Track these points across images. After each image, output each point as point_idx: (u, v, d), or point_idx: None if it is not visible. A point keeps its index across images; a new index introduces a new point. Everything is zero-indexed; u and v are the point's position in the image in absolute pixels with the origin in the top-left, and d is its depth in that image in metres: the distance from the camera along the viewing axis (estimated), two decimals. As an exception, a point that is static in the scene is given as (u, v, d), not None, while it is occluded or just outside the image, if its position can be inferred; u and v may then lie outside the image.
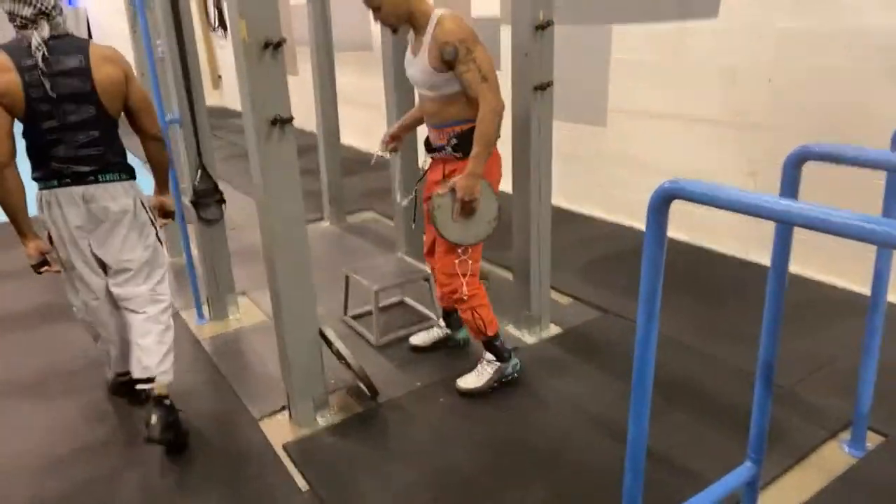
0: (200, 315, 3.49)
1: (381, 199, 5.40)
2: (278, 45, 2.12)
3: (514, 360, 2.75)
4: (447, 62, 2.31)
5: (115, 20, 10.65)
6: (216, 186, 3.31)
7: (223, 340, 3.29)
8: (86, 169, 2.30)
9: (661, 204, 1.37)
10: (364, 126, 7.49)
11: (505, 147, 2.86)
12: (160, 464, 2.39)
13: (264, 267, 2.42)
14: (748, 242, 4.02)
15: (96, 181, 2.32)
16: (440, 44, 2.29)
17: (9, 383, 2.97)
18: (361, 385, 2.65)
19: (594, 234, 4.51)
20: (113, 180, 2.36)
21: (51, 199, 2.30)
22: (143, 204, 2.48)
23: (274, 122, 2.18)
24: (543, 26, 2.71)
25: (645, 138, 4.51)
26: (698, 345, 3.01)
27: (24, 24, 2.17)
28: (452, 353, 3.04)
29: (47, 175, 2.28)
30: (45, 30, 2.17)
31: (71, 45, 2.23)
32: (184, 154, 3.25)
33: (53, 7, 2.20)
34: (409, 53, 2.52)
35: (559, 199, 4.75)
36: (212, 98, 9.08)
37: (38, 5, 2.15)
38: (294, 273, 2.39)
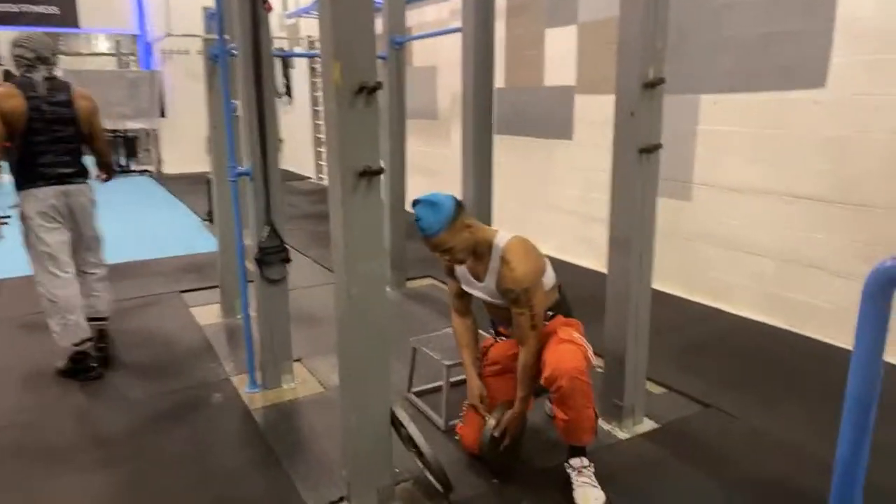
0: (253, 382, 3.22)
1: (438, 266, 5.14)
2: (374, 89, 1.91)
3: None
4: (507, 299, 2.34)
5: (186, 84, 11.09)
6: (283, 244, 3.10)
7: (277, 412, 2.99)
8: (67, 171, 3.23)
9: (881, 288, 1.04)
10: (423, 192, 7.35)
11: (596, 219, 2.59)
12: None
13: (321, 332, 2.15)
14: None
15: (72, 182, 3.26)
16: (505, 288, 2.30)
17: (42, 449, 2.71)
18: (433, 479, 2.29)
19: (679, 317, 4.11)
20: (82, 182, 3.34)
21: (38, 193, 3.14)
22: (93, 199, 3.46)
23: (363, 173, 1.95)
24: (653, 84, 2.47)
25: (735, 215, 4.17)
26: (825, 455, 2.56)
27: (29, 66, 3.12)
28: (531, 440, 2.66)
29: (35, 178, 3.14)
30: (43, 71, 3.15)
31: (60, 84, 3.22)
32: (251, 209, 3.07)
33: (52, 55, 3.20)
34: (467, 274, 2.46)
35: (638, 276, 4.40)
36: (274, 160, 9.20)
37: (38, 52, 3.13)
38: (369, 343, 2.11)
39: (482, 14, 3.40)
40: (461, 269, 2.46)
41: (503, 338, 2.62)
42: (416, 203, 2.25)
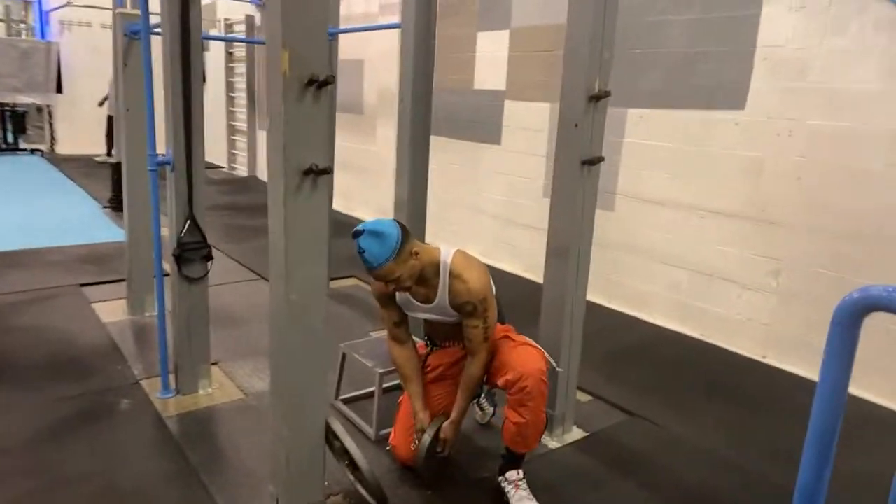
0: (166, 387, 2.99)
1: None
2: (325, 83, 1.80)
3: None
4: (461, 312, 2.27)
5: (86, 59, 10.30)
6: (205, 240, 2.91)
7: (193, 420, 2.79)
8: None
9: (852, 318, 1.06)
10: (346, 189, 7.20)
11: (537, 229, 2.60)
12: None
13: (238, 334, 2.02)
14: (766, 345, 3.79)
15: None
16: (461, 302, 2.23)
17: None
18: (366, 494, 2.20)
19: (600, 325, 4.20)
20: None
21: None
22: None
23: (308, 171, 1.84)
24: (599, 97, 2.49)
25: (656, 226, 4.32)
26: (742, 462, 2.68)
27: None
28: (465, 449, 2.62)
29: None
30: None
31: None
32: (171, 201, 2.85)
33: None
34: (411, 299, 2.35)
35: (562, 283, 4.48)
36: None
37: None
38: (306, 352, 1.99)
39: (423, 11, 3.33)
40: (402, 298, 2.36)
41: (438, 347, 2.55)
42: (358, 234, 2.11)
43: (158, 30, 2.76)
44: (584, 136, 2.51)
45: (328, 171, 1.86)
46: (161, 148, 2.70)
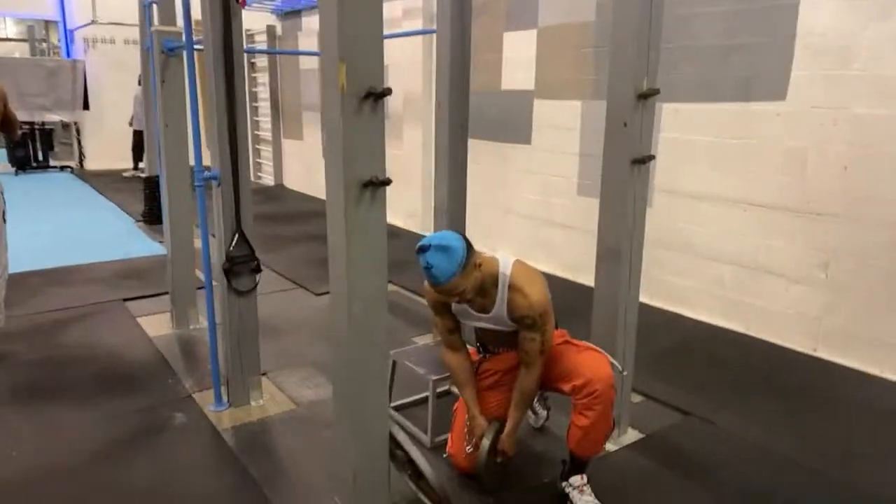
0: (219, 399, 3.01)
1: (400, 271, 5.02)
2: (381, 95, 1.80)
3: None
4: (519, 324, 2.26)
5: (110, 73, 10.46)
6: (253, 253, 2.92)
7: (248, 433, 2.81)
8: None
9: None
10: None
11: (572, 228, 2.57)
12: None
13: (284, 344, 2.02)
14: (816, 338, 3.71)
15: None
16: (519, 315, 2.22)
17: (-12, 481, 2.43)
18: (430, 503, 2.19)
19: (645, 323, 4.12)
20: None
21: None
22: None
23: (367, 184, 1.83)
24: (647, 95, 2.45)
25: (696, 222, 4.26)
26: (805, 461, 2.63)
27: None
28: (522, 454, 2.60)
29: None
30: None
31: None
32: (218, 216, 2.87)
33: None
34: (469, 309, 2.33)
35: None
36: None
37: None
38: (369, 363, 1.98)
39: (458, 16, 3.32)
40: (459, 308, 2.33)
41: (491, 353, 2.52)
42: (424, 249, 2.08)
43: (198, 46, 2.78)
44: (634, 134, 2.48)
45: (387, 182, 1.86)
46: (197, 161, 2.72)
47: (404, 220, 7.04)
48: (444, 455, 2.55)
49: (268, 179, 10.25)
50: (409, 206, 6.89)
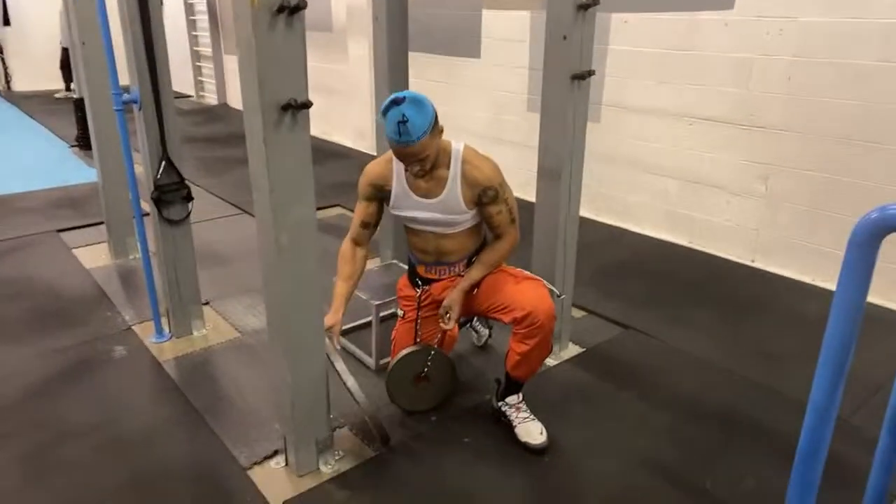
0: (159, 331, 2.96)
1: (347, 193, 4.92)
2: (296, 8, 1.66)
3: None
4: (481, 202, 2.17)
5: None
6: (182, 180, 2.79)
7: (190, 363, 2.78)
8: None
9: (870, 239, 1.02)
10: (323, 112, 6.96)
11: (523, 146, 2.52)
12: (128, 533, 1.91)
13: (227, 271, 1.97)
14: (755, 250, 3.81)
15: None
16: (482, 186, 2.14)
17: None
18: (372, 428, 2.23)
19: (590, 239, 4.17)
20: None
21: None
22: None
23: (286, 107, 1.73)
24: (586, 6, 2.35)
25: (643, 136, 4.25)
26: (738, 368, 2.74)
27: None
28: (461, 373, 2.64)
29: None
30: None
31: None
32: (143, 142, 2.71)
33: None
34: (411, 195, 2.18)
35: (549, 199, 4.43)
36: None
37: None
38: (300, 294, 1.95)
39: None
40: (400, 191, 2.20)
41: (428, 282, 2.40)
42: (398, 101, 1.93)
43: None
44: (574, 48, 2.39)
45: (308, 105, 1.75)
46: (124, 80, 2.53)
47: (354, 140, 6.86)
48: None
49: (211, 98, 9.79)
50: (358, 124, 6.70)
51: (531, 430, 2.23)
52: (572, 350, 2.88)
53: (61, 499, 2.01)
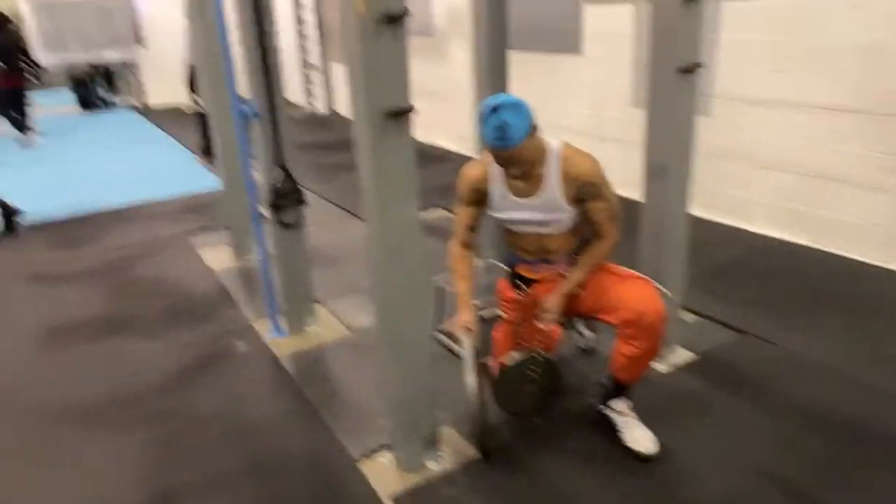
0: (277, 328, 3.15)
1: (449, 195, 4.96)
2: (400, 18, 1.72)
3: None
4: (581, 199, 2.11)
5: (163, 9, 10.48)
6: (296, 187, 2.95)
7: (306, 359, 2.94)
8: None
9: None
10: (423, 116, 7.09)
11: (626, 142, 2.45)
12: (250, 516, 2.05)
13: (336, 272, 2.03)
14: (887, 249, 3.50)
15: None
16: (581, 182, 2.09)
17: (68, 410, 2.66)
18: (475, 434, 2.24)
19: (702, 238, 3.96)
20: None
21: None
22: None
23: (391, 114, 1.79)
24: (694, -3, 2.26)
25: (759, 129, 4.00)
26: (864, 376, 2.54)
27: None
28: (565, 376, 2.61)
29: None
30: None
31: None
32: (261, 151, 2.89)
33: None
34: (508, 195, 2.16)
35: (656, 197, 4.28)
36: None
37: None
38: (407, 292, 2.01)
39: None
40: (499, 193, 2.19)
41: (529, 283, 2.35)
42: (497, 108, 1.93)
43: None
44: (680, 41, 2.31)
45: (411, 111, 1.81)
46: (243, 93, 2.72)
47: (455, 143, 6.94)
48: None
49: (320, 106, 10.22)
50: (459, 127, 6.76)
51: (640, 437, 2.17)
52: (683, 356, 2.77)
53: (188, 481, 2.19)
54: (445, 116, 6.91)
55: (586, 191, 2.09)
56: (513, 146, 1.96)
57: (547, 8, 5.27)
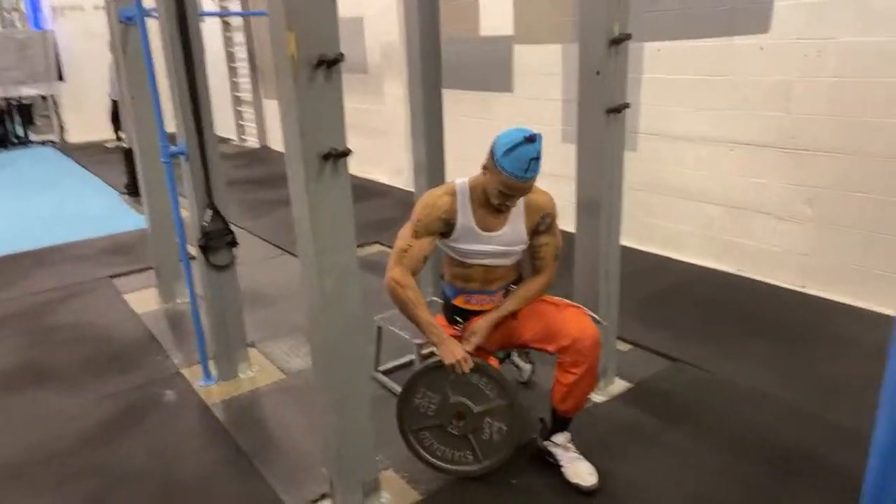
0: (207, 374, 3.02)
1: (386, 230, 4.97)
2: (334, 62, 1.71)
3: None
4: (537, 231, 2.21)
5: (83, 43, 10.15)
6: (227, 227, 2.87)
7: (238, 406, 2.82)
8: None
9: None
10: (360, 152, 7.09)
11: (558, 176, 2.51)
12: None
13: (271, 313, 1.99)
14: (805, 275, 3.70)
15: None
16: (541, 213, 2.19)
17: (-18, 469, 2.45)
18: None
19: (633, 268, 4.09)
20: None
21: None
22: None
23: (327, 156, 1.77)
24: (619, 40, 2.36)
25: (683, 163, 4.19)
26: (793, 400, 2.64)
27: None
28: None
29: None
30: None
31: None
32: (190, 191, 2.80)
33: None
34: (475, 228, 2.16)
35: (589, 230, 4.39)
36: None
37: None
38: (345, 338, 1.96)
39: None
40: (465, 225, 2.14)
41: (466, 316, 2.33)
42: (532, 139, 1.96)
43: (154, 13, 2.66)
44: (607, 83, 2.39)
45: (347, 153, 1.79)
46: (171, 130, 2.64)
47: (390, 177, 6.95)
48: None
49: (252, 142, 10.08)
50: (395, 162, 6.79)
51: (581, 471, 2.18)
52: (619, 385, 2.82)
53: (116, 546, 2.04)
54: (381, 152, 6.93)
55: (544, 222, 2.19)
56: (529, 179, 2.01)
57: (479, 48, 5.40)
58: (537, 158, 1.99)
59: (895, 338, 1.01)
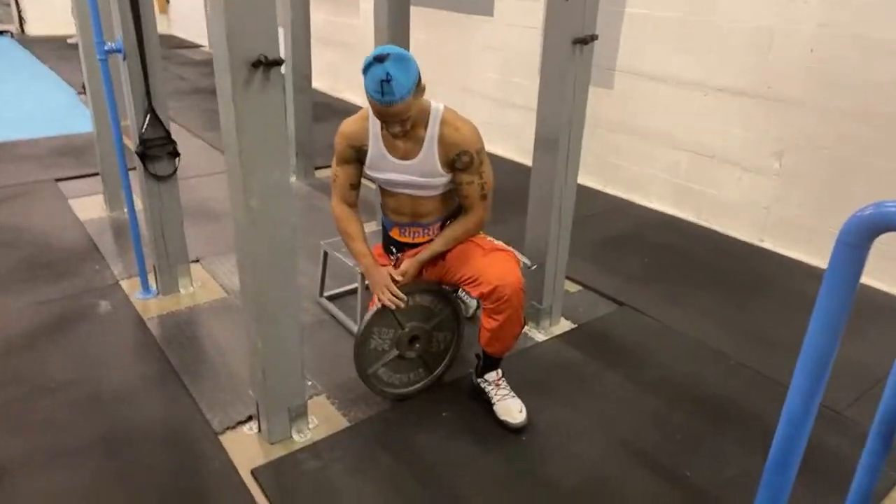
0: (146, 288, 2.93)
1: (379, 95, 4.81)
2: (267, -43, 1.55)
3: None
4: (454, 167, 2.06)
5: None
6: (169, 135, 2.71)
7: (174, 322, 2.75)
8: None
9: (861, 238, 0.92)
10: (330, 68, 6.82)
11: (532, 110, 2.41)
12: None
13: (220, 228, 1.90)
14: (764, 229, 3.68)
15: None
16: (457, 150, 2.03)
17: None
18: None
19: (593, 210, 4.08)
20: None
21: None
22: None
23: (257, 63, 1.63)
24: (591, -36, 2.19)
25: (656, 105, 4.08)
26: (734, 352, 2.65)
27: None
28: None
29: None
30: None
31: None
32: (127, 94, 2.62)
33: None
34: (387, 155, 2.07)
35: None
36: (159, 25, 8.28)
37: None
38: (273, 260, 1.88)
39: None
40: (376, 152, 2.09)
41: (402, 248, 2.26)
42: (381, 59, 1.81)
43: None
44: (576, 10, 2.25)
45: (280, 63, 1.66)
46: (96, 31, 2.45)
47: (362, 97, 6.71)
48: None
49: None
50: (367, 81, 6.54)
51: (510, 408, 2.17)
52: (563, 325, 2.81)
53: (32, 454, 2.00)
54: (352, 69, 6.65)
55: (460, 160, 2.04)
56: (396, 101, 1.85)
57: (459, -36, 5.11)
58: (388, 80, 1.80)
59: (819, 299, 0.95)
